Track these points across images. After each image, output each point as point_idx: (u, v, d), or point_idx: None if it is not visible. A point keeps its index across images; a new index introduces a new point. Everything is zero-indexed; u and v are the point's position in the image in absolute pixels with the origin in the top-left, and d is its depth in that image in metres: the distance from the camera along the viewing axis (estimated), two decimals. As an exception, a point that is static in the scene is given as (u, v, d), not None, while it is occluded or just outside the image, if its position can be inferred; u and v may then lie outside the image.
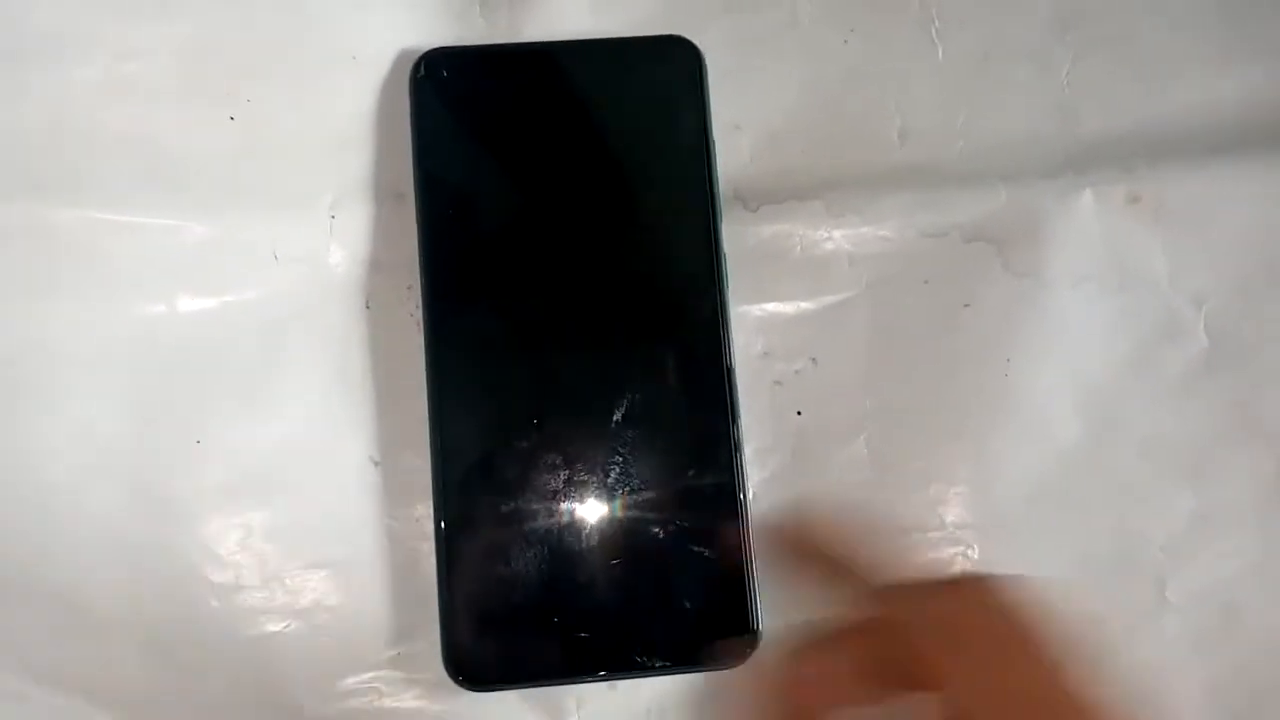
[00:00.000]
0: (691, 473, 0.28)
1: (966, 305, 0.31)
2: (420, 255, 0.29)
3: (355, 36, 0.31)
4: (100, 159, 0.29)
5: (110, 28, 0.30)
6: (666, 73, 0.30)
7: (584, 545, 0.28)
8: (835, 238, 0.31)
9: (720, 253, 0.29)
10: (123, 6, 0.30)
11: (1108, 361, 0.31)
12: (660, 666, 0.28)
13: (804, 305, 0.31)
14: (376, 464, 0.30)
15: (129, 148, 0.30)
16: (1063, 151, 0.31)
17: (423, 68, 0.30)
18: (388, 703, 0.30)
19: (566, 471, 0.28)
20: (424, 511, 0.29)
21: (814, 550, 0.30)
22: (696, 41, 0.30)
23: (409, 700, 0.30)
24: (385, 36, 0.31)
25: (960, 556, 0.30)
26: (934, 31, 0.32)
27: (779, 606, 0.30)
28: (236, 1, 0.30)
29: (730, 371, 0.29)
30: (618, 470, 0.28)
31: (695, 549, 0.28)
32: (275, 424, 0.30)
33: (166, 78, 0.30)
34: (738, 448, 0.28)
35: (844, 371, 0.31)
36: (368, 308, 0.31)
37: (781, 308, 0.31)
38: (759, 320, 0.31)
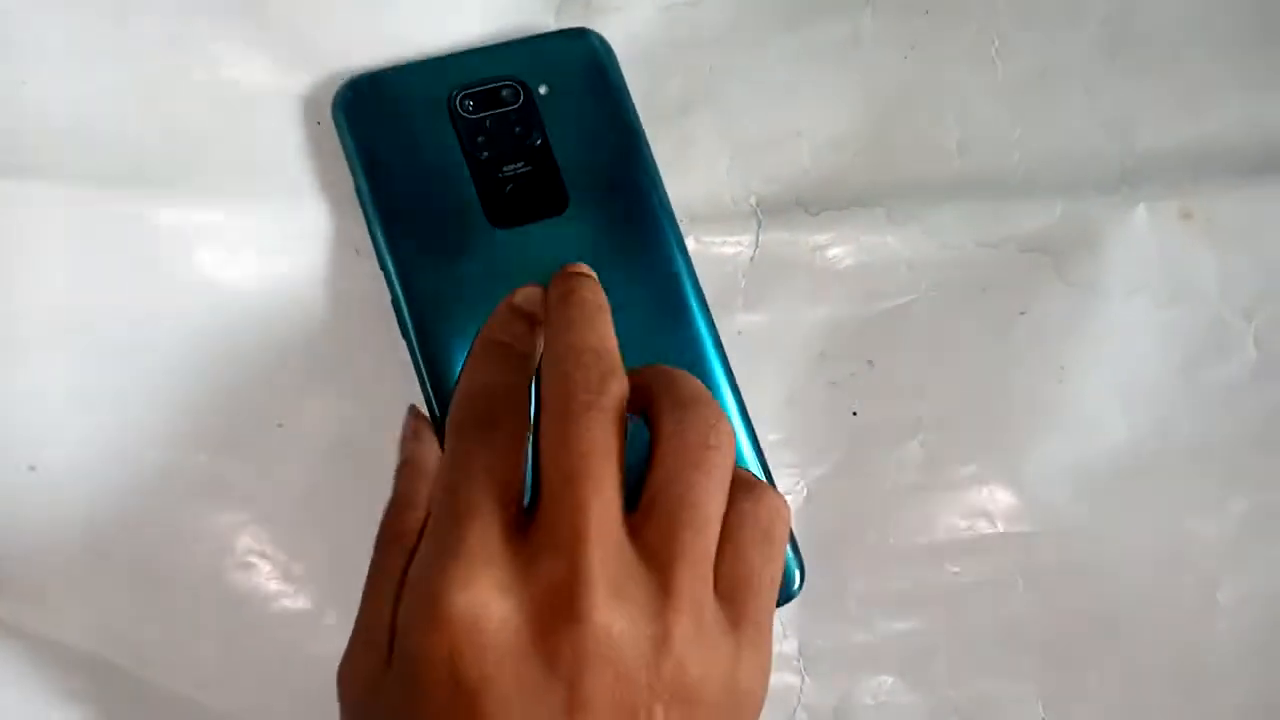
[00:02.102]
0: None
1: (1022, 313, 0.32)
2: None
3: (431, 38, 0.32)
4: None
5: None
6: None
7: None
8: (894, 244, 0.32)
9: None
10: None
11: (1159, 370, 0.32)
12: None
13: (862, 309, 0.32)
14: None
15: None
16: (1117, 168, 0.32)
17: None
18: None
19: None
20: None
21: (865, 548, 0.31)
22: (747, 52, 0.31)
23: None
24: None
25: (1012, 559, 0.31)
26: (993, 51, 0.33)
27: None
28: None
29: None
30: None
31: None
32: (344, 407, 0.31)
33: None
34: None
35: (900, 374, 0.32)
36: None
37: (839, 310, 0.32)
38: (816, 322, 0.32)
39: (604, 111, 0.30)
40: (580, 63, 0.30)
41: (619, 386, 0.24)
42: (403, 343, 0.30)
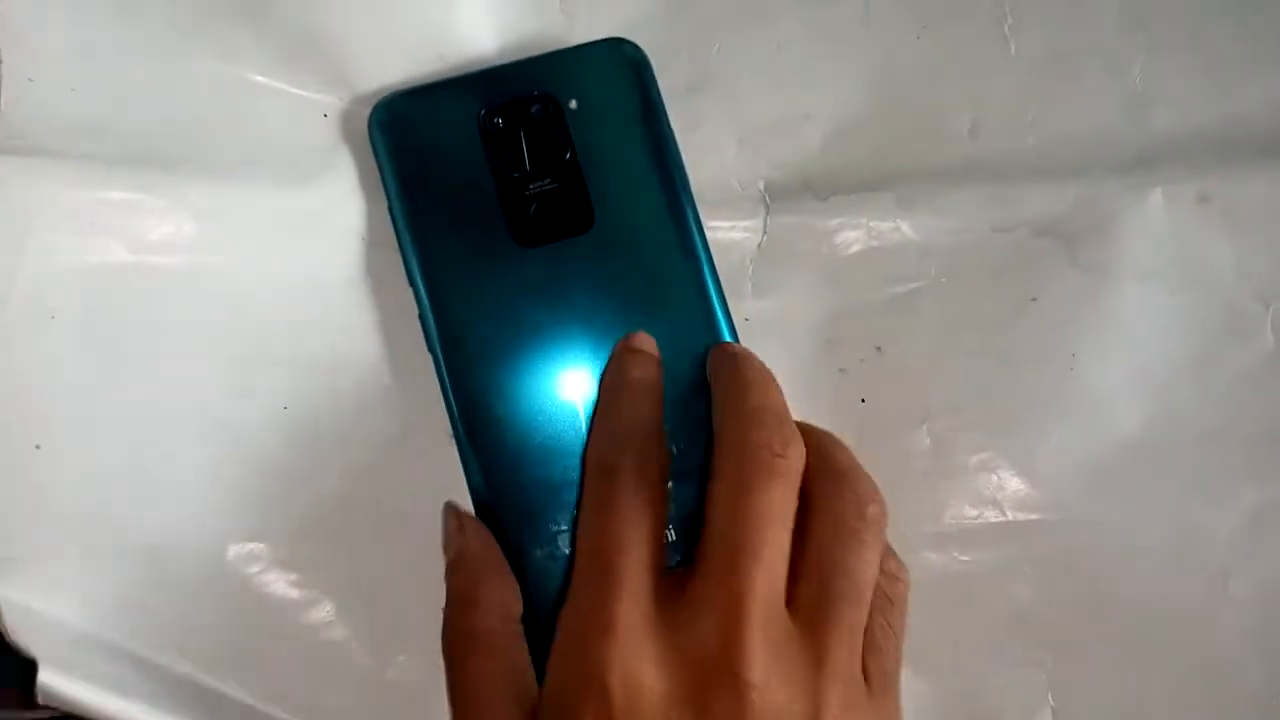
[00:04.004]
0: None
1: (1033, 299, 0.31)
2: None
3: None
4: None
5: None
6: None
7: None
8: (905, 229, 0.32)
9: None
10: None
11: (1172, 357, 0.31)
12: None
13: (871, 295, 0.32)
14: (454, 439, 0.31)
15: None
16: (1133, 150, 0.32)
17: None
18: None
19: None
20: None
21: None
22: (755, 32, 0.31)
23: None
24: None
25: (1021, 548, 0.31)
26: (1006, 28, 0.32)
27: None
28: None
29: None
30: None
31: None
32: (356, 394, 0.31)
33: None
34: None
35: (909, 361, 0.32)
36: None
37: (848, 297, 0.32)
38: (824, 308, 0.32)
39: (634, 124, 0.29)
40: (612, 75, 0.30)
41: (799, 451, 0.24)
42: (402, 332, 0.30)
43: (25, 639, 0.27)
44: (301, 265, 0.30)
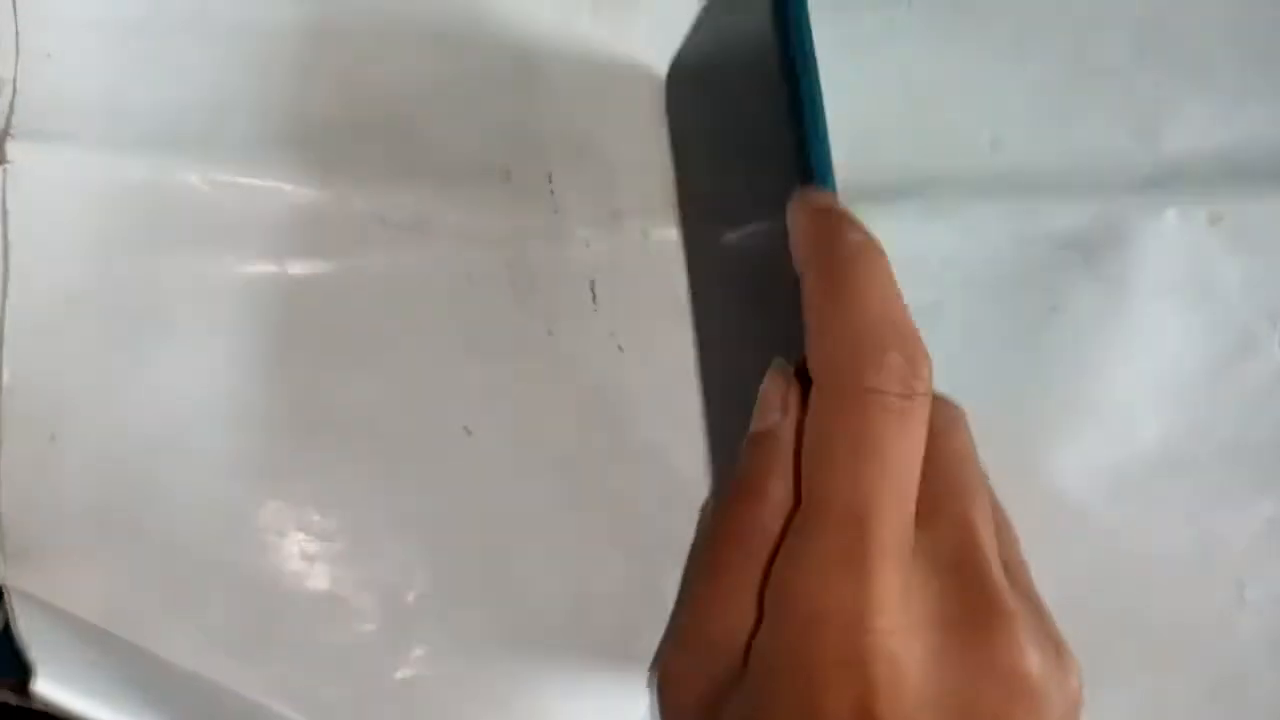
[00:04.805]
0: None
1: (1053, 309, 0.32)
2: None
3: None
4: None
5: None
6: None
7: None
8: (926, 239, 0.32)
9: None
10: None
11: (1189, 371, 0.32)
12: None
13: (893, 303, 0.32)
14: (470, 434, 0.30)
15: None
16: (1147, 170, 0.33)
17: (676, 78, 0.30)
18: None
19: None
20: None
21: None
22: None
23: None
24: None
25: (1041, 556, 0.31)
26: (1025, 48, 0.33)
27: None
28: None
29: None
30: None
31: None
32: (371, 388, 0.30)
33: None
34: None
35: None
36: (469, 281, 0.31)
37: (870, 305, 0.32)
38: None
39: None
40: None
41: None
42: (425, 322, 0.30)
43: (28, 638, 0.25)
44: (331, 250, 0.30)
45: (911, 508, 0.20)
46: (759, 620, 0.21)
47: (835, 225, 0.22)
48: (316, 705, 0.29)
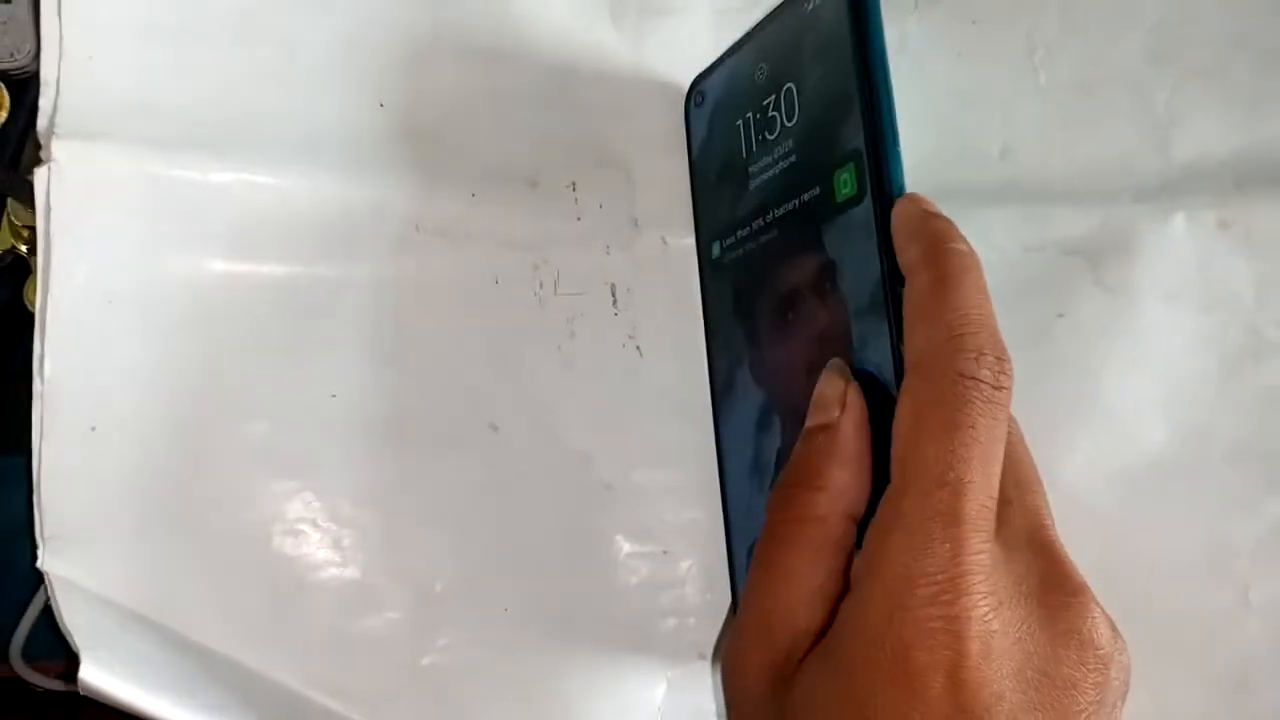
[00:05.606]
0: None
1: (1060, 315, 0.33)
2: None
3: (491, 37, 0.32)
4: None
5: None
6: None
7: None
8: (937, 245, 0.33)
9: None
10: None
11: (1195, 376, 0.32)
12: None
13: (904, 308, 0.33)
14: (496, 430, 0.31)
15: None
16: (1157, 176, 0.33)
17: (697, 95, 0.32)
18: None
19: None
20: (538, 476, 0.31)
21: None
22: None
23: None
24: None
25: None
26: (1036, 59, 0.34)
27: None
28: None
29: None
30: None
31: None
32: (402, 386, 0.31)
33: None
34: None
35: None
36: (496, 284, 0.32)
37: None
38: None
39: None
40: None
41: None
42: (454, 323, 0.32)
43: (73, 623, 0.26)
44: (360, 248, 0.31)
45: (996, 485, 0.22)
46: (826, 603, 0.23)
47: (945, 231, 0.25)
48: (345, 691, 0.30)
